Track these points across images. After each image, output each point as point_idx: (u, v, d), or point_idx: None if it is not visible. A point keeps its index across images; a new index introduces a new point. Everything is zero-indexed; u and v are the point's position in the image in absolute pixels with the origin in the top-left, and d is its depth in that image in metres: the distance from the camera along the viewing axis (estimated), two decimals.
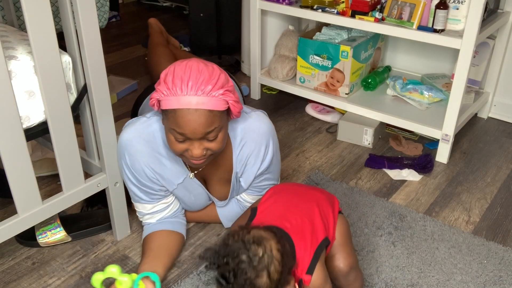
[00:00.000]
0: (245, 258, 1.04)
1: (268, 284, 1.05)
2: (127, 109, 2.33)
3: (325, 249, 1.23)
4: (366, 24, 2.06)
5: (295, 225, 1.20)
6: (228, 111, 1.33)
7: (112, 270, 1.28)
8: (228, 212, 1.65)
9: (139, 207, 1.53)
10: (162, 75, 1.27)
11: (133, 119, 1.47)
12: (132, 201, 1.55)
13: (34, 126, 1.28)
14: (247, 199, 1.62)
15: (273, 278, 1.06)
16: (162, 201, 1.53)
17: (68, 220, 1.67)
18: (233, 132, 1.44)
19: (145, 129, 1.42)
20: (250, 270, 1.03)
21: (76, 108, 1.35)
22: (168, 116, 1.27)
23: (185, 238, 1.60)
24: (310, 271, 1.15)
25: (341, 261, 1.27)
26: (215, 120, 1.26)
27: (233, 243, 1.06)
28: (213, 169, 1.51)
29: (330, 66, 2.25)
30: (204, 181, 1.56)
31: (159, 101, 1.28)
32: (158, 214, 1.53)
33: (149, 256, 1.45)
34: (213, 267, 1.07)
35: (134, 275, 1.31)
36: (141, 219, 1.57)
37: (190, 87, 1.22)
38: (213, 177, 1.54)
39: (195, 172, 1.51)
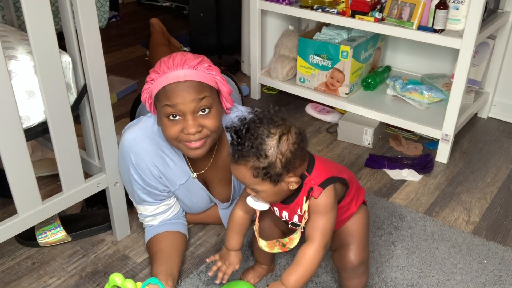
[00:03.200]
0: (265, 120, 1.08)
1: (275, 152, 1.06)
2: (127, 109, 2.33)
3: (344, 188, 1.22)
4: (366, 24, 2.06)
5: (322, 161, 1.20)
6: (218, 95, 1.35)
7: (116, 279, 1.27)
8: None
9: (141, 210, 1.53)
10: (151, 71, 1.32)
11: (133, 121, 1.47)
12: (134, 204, 1.55)
13: (34, 126, 1.28)
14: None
15: (281, 150, 1.06)
16: (165, 202, 1.52)
17: (68, 220, 1.67)
18: None
19: (148, 128, 1.43)
20: (263, 130, 1.07)
21: (76, 108, 1.35)
22: (159, 97, 1.30)
23: (188, 239, 1.60)
24: (323, 185, 1.14)
25: (353, 253, 1.26)
26: (204, 89, 1.28)
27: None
28: (213, 170, 1.51)
29: (330, 66, 2.25)
30: (206, 184, 1.56)
31: (150, 94, 1.32)
32: (160, 216, 1.53)
33: (162, 257, 1.45)
34: (232, 129, 1.11)
35: (139, 284, 1.29)
36: (142, 221, 1.57)
37: (176, 63, 1.28)
38: (214, 179, 1.54)
39: (197, 173, 1.51)
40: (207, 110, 1.30)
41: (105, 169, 1.48)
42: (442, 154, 2.06)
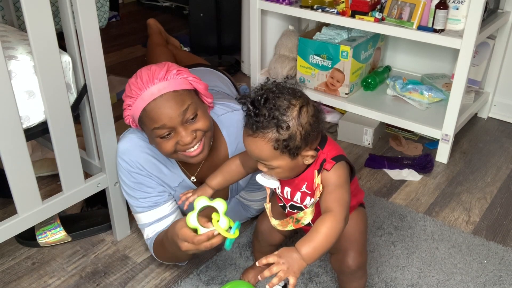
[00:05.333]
0: (285, 91, 1.05)
1: (295, 123, 1.04)
2: None
3: (350, 173, 1.19)
4: (366, 24, 2.06)
5: (333, 140, 1.19)
6: (198, 94, 1.33)
7: (221, 207, 1.21)
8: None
9: (142, 219, 1.46)
10: (123, 96, 1.30)
11: (129, 129, 1.44)
12: (134, 214, 1.49)
13: (34, 126, 1.28)
14: (246, 197, 1.62)
15: (302, 122, 1.04)
16: (163, 205, 1.46)
17: (68, 220, 1.67)
18: (226, 130, 1.44)
19: (143, 135, 1.40)
20: (282, 100, 1.04)
21: (76, 108, 1.35)
22: (143, 121, 1.27)
23: None
24: (335, 159, 1.12)
25: (351, 258, 1.25)
26: (184, 98, 1.26)
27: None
28: (210, 170, 1.50)
29: (330, 66, 2.25)
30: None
31: (133, 119, 1.30)
32: (162, 222, 1.46)
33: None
34: (247, 100, 1.07)
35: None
36: (147, 236, 1.47)
37: (145, 81, 1.25)
38: None
39: (195, 174, 1.51)
40: (194, 116, 1.29)
41: (105, 169, 1.48)
42: (442, 154, 2.06)
